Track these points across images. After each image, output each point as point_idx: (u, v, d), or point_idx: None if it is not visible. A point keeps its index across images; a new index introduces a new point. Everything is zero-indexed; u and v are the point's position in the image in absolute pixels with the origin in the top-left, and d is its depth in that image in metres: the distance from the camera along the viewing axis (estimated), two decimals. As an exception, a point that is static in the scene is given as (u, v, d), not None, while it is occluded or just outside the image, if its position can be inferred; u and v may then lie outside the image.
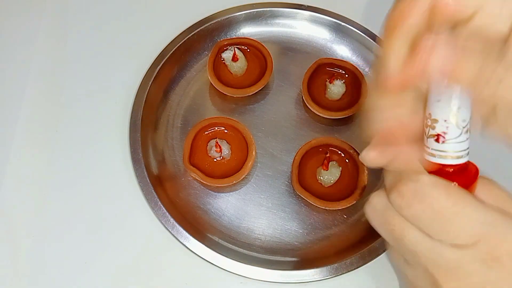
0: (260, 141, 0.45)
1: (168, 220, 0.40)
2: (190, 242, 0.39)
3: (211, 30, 0.49)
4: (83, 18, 0.50)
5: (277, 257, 0.40)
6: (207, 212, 0.42)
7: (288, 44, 0.50)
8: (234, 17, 0.49)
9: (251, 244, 0.41)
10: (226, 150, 0.42)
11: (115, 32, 0.50)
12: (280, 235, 0.42)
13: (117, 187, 0.42)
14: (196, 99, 0.47)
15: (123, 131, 0.44)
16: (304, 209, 0.43)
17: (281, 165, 0.44)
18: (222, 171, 0.42)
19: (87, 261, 0.40)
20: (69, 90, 0.46)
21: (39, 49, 0.48)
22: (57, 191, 0.42)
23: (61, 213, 0.41)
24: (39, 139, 0.44)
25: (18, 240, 0.40)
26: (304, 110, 0.47)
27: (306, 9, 0.50)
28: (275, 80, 0.48)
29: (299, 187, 0.40)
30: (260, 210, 0.42)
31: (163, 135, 0.45)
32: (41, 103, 0.46)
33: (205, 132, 0.43)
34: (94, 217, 0.41)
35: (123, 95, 0.46)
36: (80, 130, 0.45)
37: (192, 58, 0.48)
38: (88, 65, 0.48)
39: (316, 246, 0.41)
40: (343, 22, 0.49)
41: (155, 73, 0.45)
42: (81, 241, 0.40)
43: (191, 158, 0.42)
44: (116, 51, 0.49)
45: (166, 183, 0.43)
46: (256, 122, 0.46)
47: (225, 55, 0.46)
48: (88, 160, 0.43)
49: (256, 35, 0.50)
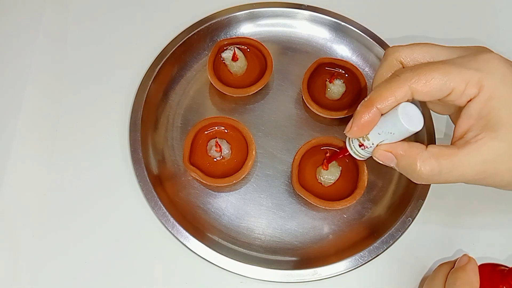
0: (260, 141, 0.45)
1: (168, 219, 0.40)
2: (190, 242, 0.39)
3: (211, 30, 0.49)
4: (83, 18, 0.50)
5: (277, 257, 0.40)
6: (207, 212, 0.42)
7: (288, 43, 0.50)
8: (234, 17, 0.49)
9: (251, 244, 0.41)
10: (226, 150, 0.42)
11: (115, 31, 0.50)
12: (280, 234, 0.42)
13: (117, 187, 0.42)
14: (196, 99, 0.47)
15: (123, 131, 0.44)
16: (304, 209, 0.43)
17: (281, 165, 0.44)
18: (222, 170, 0.42)
19: (87, 261, 0.40)
20: (69, 90, 0.46)
21: (39, 49, 0.48)
22: (57, 190, 0.42)
23: (61, 213, 0.41)
24: (39, 139, 0.44)
25: (18, 240, 0.40)
26: (304, 110, 0.47)
27: (306, 8, 0.50)
28: (275, 79, 0.48)
29: (299, 186, 0.40)
30: (260, 209, 0.42)
31: (163, 135, 0.45)
32: (41, 103, 0.46)
33: (205, 131, 0.43)
34: (93, 216, 0.41)
35: (123, 95, 0.46)
36: (80, 130, 0.45)
37: (192, 57, 0.48)
38: (88, 65, 0.48)
39: (316, 245, 0.41)
40: (343, 22, 0.49)
41: (155, 72, 0.45)
42: (80, 240, 0.40)
43: (191, 157, 0.42)
44: (116, 51, 0.49)
45: (166, 183, 0.43)
46: (256, 121, 0.46)
47: (225, 55, 0.46)
48: (88, 159, 0.43)
49: (256, 35, 0.50)
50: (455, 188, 0.43)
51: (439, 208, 0.42)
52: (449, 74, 0.30)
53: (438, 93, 0.31)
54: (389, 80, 0.32)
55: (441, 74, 0.30)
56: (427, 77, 0.30)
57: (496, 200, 0.43)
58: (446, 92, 0.31)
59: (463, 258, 0.36)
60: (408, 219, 0.41)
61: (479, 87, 0.30)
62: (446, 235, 0.42)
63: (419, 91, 0.31)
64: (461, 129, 0.32)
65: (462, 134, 0.32)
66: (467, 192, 0.43)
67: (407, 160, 0.32)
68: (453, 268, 0.35)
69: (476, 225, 0.42)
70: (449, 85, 0.30)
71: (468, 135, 0.31)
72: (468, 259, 0.35)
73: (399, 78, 0.31)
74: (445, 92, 0.31)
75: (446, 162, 0.30)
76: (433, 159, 0.31)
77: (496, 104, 0.30)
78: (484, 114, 0.31)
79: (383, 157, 0.33)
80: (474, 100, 0.31)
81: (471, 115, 0.31)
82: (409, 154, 0.32)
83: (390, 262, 0.40)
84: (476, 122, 0.31)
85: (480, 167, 0.31)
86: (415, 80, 0.31)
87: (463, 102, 0.31)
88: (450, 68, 0.30)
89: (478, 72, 0.30)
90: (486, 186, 0.33)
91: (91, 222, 0.41)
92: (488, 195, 0.43)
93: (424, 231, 0.41)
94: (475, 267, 0.35)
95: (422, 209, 0.41)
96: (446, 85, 0.30)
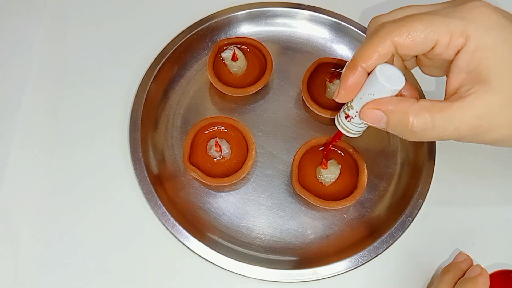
0: (260, 141, 0.45)
1: (168, 219, 0.40)
2: (190, 241, 0.39)
3: (211, 30, 0.49)
4: (83, 18, 0.50)
5: (277, 256, 0.40)
6: (207, 212, 0.42)
7: (288, 43, 0.50)
8: (234, 17, 0.49)
9: (251, 243, 0.41)
10: (226, 150, 0.42)
11: (115, 31, 0.50)
12: (280, 234, 0.42)
13: (117, 187, 0.42)
14: (196, 99, 0.47)
15: (123, 131, 0.44)
16: (304, 209, 0.43)
17: (281, 165, 0.44)
18: (222, 170, 0.42)
19: (86, 261, 0.40)
20: (69, 90, 0.46)
21: (39, 49, 0.48)
22: (57, 190, 0.42)
23: (60, 213, 0.41)
24: (39, 139, 0.44)
25: (18, 240, 0.40)
26: (304, 110, 0.47)
27: (306, 8, 0.50)
28: (275, 79, 0.48)
29: (299, 186, 0.40)
30: (260, 209, 0.42)
31: (163, 135, 0.45)
32: (40, 102, 0.46)
33: (205, 131, 0.43)
34: (93, 216, 0.41)
35: (123, 95, 0.46)
36: (80, 130, 0.45)
37: (192, 57, 0.48)
38: (88, 65, 0.48)
39: (315, 245, 0.41)
40: (342, 22, 0.49)
41: (155, 72, 0.45)
42: (80, 240, 0.40)
43: (191, 157, 0.42)
44: (116, 51, 0.49)
45: (166, 183, 0.43)
46: (256, 121, 0.46)
47: (225, 55, 0.46)
48: (88, 159, 0.44)
49: (256, 35, 0.50)
50: (455, 188, 0.43)
51: (439, 207, 0.42)
52: (432, 25, 0.28)
53: (422, 46, 0.29)
54: (371, 36, 0.30)
55: (424, 25, 0.29)
56: (409, 30, 0.29)
57: (496, 199, 0.43)
58: (431, 45, 0.29)
59: (475, 269, 0.34)
60: (408, 219, 0.41)
61: (465, 37, 0.28)
62: (445, 235, 0.42)
63: (402, 44, 0.29)
64: (453, 85, 0.30)
65: (455, 90, 0.30)
66: (467, 191, 0.43)
67: (397, 115, 0.30)
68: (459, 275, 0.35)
69: (475, 225, 0.42)
70: (433, 36, 0.28)
71: (461, 90, 0.30)
72: (481, 271, 0.34)
73: (380, 33, 0.29)
74: (430, 44, 0.29)
75: (439, 115, 0.29)
76: (425, 112, 0.29)
77: (485, 54, 0.28)
78: (473, 67, 0.29)
79: (371, 116, 0.31)
80: (461, 52, 0.29)
81: (460, 69, 0.29)
82: (399, 108, 0.30)
83: (390, 262, 0.40)
84: (467, 76, 0.29)
85: (474, 121, 0.29)
86: (397, 34, 0.29)
87: (451, 55, 0.29)
88: (433, 19, 0.29)
89: (462, 21, 0.28)
90: (482, 143, 0.31)
91: (91, 222, 0.41)
92: (488, 195, 0.44)
93: (423, 231, 0.41)
94: (486, 280, 0.33)
95: (422, 209, 0.41)
96: (429, 37, 0.29)
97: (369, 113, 0.31)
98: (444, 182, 0.43)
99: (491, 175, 0.44)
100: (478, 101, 0.29)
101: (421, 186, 0.42)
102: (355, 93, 0.31)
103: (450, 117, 0.29)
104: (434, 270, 0.40)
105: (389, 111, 0.30)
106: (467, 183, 0.44)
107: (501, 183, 0.44)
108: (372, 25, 0.33)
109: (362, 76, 0.30)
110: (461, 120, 0.29)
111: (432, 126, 0.29)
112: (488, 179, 0.44)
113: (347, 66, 0.31)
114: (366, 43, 0.30)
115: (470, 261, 0.37)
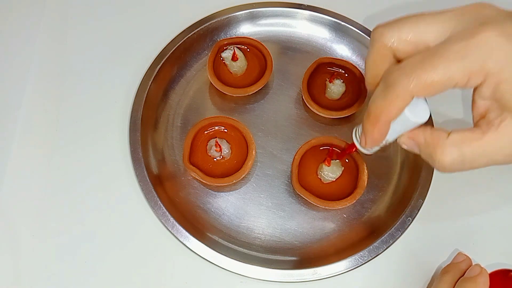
0: (260, 141, 0.45)
1: (168, 219, 0.40)
2: (190, 241, 0.39)
3: (211, 30, 0.49)
4: (83, 18, 0.50)
5: (276, 256, 0.40)
6: (207, 212, 0.42)
7: (288, 43, 0.50)
8: (234, 17, 0.49)
9: (251, 243, 0.41)
10: (226, 150, 0.42)
11: (115, 31, 0.50)
12: (280, 234, 0.42)
13: (117, 186, 0.42)
14: (196, 99, 0.47)
15: (123, 131, 0.44)
16: (304, 209, 0.43)
17: (281, 165, 0.44)
18: (222, 170, 0.42)
19: (86, 260, 0.40)
20: (69, 90, 0.46)
21: (39, 49, 0.48)
22: (57, 190, 0.42)
23: (60, 213, 0.41)
24: (39, 138, 0.44)
25: (18, 239, 0.40)
26: (304, 110, 0.47)
27: (306, 8, 0.50)
28: (275, 79, 0.48)
29: (299, 186, 0.40)
30: (260, 209, 0.42)
31: (163, 135, 0.45)
32: (41, 102, 0.46)
33: (205, 131, 0.43)
34: (93, 216, 0.41)
35: (123, 95, 0.46)
36: (80, 130, 0.45)
37: (192, 57, 0.48)
38: (88, 65, 0.48)
39: (315, 245, 0.41)
40: (343, 22, 0.49)
41: (155, 72, 0.45)
42: (80, 240, 0.40)
43: (191, 157, 0.42)
44: (116, 51, 0.49)
45: (166, 183, 0.43)
46: (256, 121, 0.46)
47: (225, 55, 0.46)
48: (88, 159, 0.44)
49: (256, 35, 0.50)
50: (455, 188, 0.43)
51: (439, 207, 0.42)
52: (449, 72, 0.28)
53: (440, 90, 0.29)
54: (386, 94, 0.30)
55: (440, 74, 0.28)
56: (426, 80, 0.28)
57: (496, 200, 0.43)
58: (449, 87, 0.29)
59: (475, 268, 0.35)
60: (408, 219, 0.41)
61: (483, 75, 0.28)
62: (445, 235, 0.42)
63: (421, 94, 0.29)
64: (480, 109, 0.30)
65: (483, 114, 0.30)
66: (467, 192, 0.43)
67: (428, 149, 0.30)
68: (458, 275, 0.35)
69: (475, 225, 0.42)
70: (451, 82, 0.28)
71: (489, 115, 0.29)
72: (480, 270, 0.34)
73: (396, 89, 0.29)
74: (448, 87, 0.29)
75: (470, 149, 0.29)
76: (454, 148, 0.29)
77: (507, 89, 0.28)
78: (498, 97, 0.28)
79: (408, 144, 0.32)
80: (483, 86, 0.28)
81: (485, 97, 0.29)
82: (429, 142, 0.30)
83: (390, 262, 0.40)
84: (493, 103, 0.29)
85: (509, 150, 0.29)
86: (413, 86, 0.28)
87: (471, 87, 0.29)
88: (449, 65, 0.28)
89: (478, 60, 0.27)
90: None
91: (91, 222, 0.41)
92: (488, 195, 0.43)
93: (423, 231, 0.41)
94: (486, 279, 0.34)
95: (421, 209, 0.41)
96: (447, 83, 0.28)
97: (406, 141, 0.32)
98: (444, 182, 0.43)
99: (491, 175, 0.44)
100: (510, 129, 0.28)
101: (421, 186, 0.42)
102: (382, 140, 0.32)
103: (482, 150, 0.29)
104: (434, 270, 0.40)
105: (421, 144, 0.31)
106: (467, 183, 0.44)
107: (501, 183, 0.44)
108: (375, 40, 0.32)
109: (387, 127, 0.31)
110: (496, 152, 0.29)
111: (462, 161, 0.29)
112: (488, 179, 0.44)
113: (369, 120, 0.31)
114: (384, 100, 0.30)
115: (470, 261, 0.37)
